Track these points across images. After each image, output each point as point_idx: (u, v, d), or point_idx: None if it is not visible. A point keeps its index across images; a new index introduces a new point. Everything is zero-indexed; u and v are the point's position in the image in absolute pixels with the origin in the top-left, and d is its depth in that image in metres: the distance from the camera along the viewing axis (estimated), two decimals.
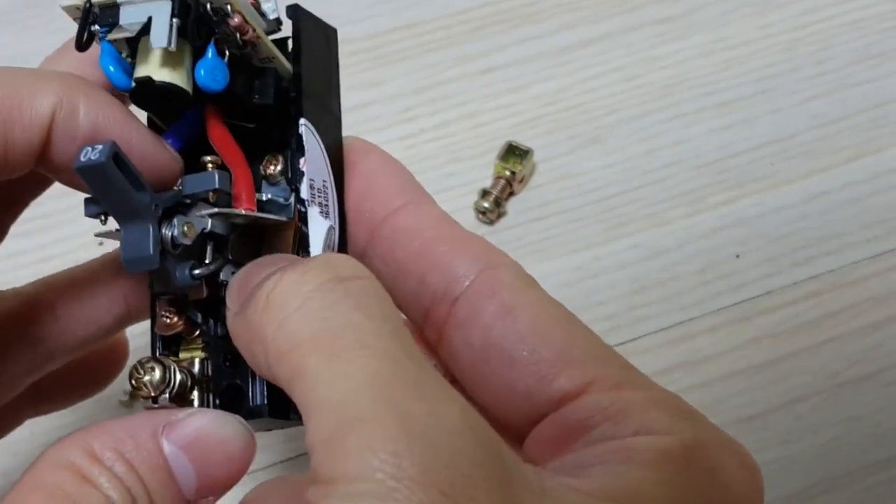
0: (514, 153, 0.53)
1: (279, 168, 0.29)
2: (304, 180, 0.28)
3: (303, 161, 0.28)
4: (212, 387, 0.28)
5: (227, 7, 0.27)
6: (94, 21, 0.27)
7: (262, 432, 0.28)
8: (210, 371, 0.28)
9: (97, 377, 0.36)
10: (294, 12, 0.30)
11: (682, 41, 0.59)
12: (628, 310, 0.50)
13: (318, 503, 0.21)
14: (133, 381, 0.27)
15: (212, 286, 0.28)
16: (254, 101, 0.29)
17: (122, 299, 0.33)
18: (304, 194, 0.28)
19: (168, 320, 0.29)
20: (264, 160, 0.29)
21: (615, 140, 0.56)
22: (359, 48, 0.59)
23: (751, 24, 0.60)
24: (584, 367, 0.26)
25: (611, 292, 0.50)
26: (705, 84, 0.58)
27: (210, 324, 0.29)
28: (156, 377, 0.27)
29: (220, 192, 0.27)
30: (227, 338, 0.26)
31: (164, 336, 0.29)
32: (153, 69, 0.27)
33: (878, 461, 0.46)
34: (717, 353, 0.49)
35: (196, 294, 0.28)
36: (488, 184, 0.53)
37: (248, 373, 0.28)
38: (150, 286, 0.29)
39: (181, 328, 0.29)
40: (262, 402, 0.28)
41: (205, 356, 0.29)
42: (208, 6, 0.27)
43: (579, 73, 0.58)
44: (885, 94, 0.57)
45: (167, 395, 0.27)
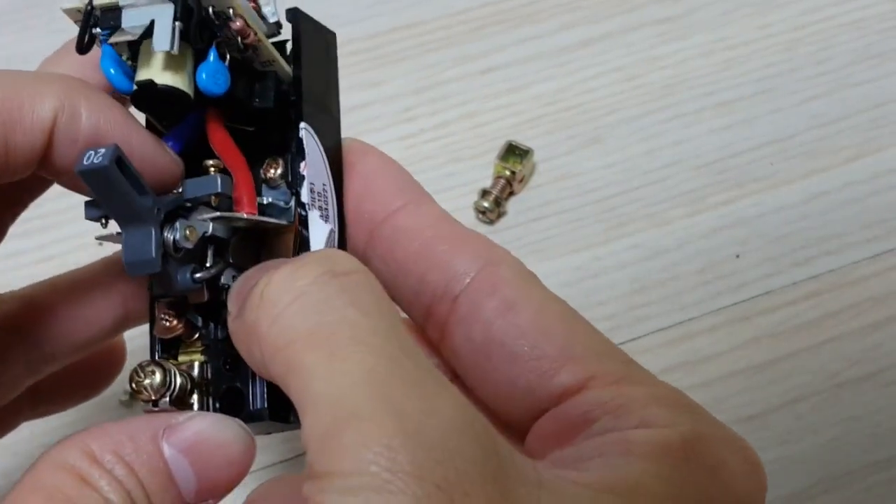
0: (514, 153, 0.53)
1: (279, 172, 0.29)
2: (305, 184, 0.28)
3: (303, 165, 0.28)
4: (211, 390, 0.28)
5: (230, 11, 0.27)
6: (95, 24, 0.27)
7: (261, 435, 0.28)
8: (209, 374, 0.28)
9: (95, 380, 0.36)
10: (294, 16, 0.30)
11: (682, 41, 0.59)
12: (628, 310, 0.50)
13: (314, 498, 0.21)
14: (133, 385, 0.27)
15: (212, 290, 0.28)
16: (254, 105, 0.29)
17: (122, 302, 0.33)
18: (304, 198, 0.28)
19: (168, 323, 0.29)
20: (264, 164, 0.29)
21: (615, 140, 0.56)
22: (359, 48, 0.59)
23: (751, 24, 0.60)
24: (585, 363, 0.26)
25: (611, 292, 0.50)
26: (705, 84, 0.57)
27: (210, 327, 0.29)
28: (156, 381, 0.27)
29: (222, 195, 0.27)
30: (228, 341, 0.26)
31: (163, 339, 0.29)
32: (155, 72, 0.27)
33: (878, 461, 0.46)
34: (716, 353, 0.49)
35: (197, 298, 0.28)
36: (488, 184, 0.53)
37: (248, 376, 0.28)
38: (150, 289, 0.29)
39: (181, 331, 0.29)
40: (262, 405, 0.28)
41: (204, 359, 0.29)
42: (210, 10, 0.26)
43: (579, 73, 0.58)
44: (885, 94, 0.57)
45: (167, 399, 0.27)
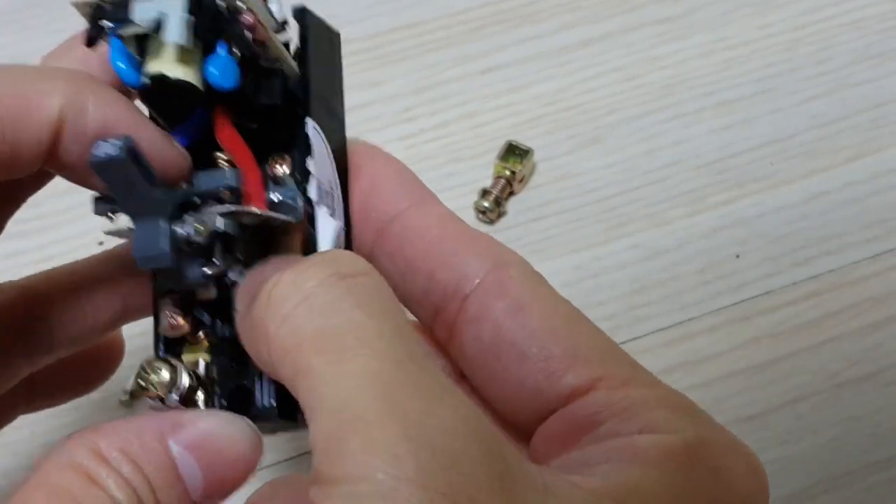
0: (514, 153, 0.53)
1: (286, 169, 0.29)
2: (313, 180, 0.28)
3: (310, 162, 0.28)
4: (217, 389, 0.28)
5: (241, 4, 0.26)
6: (104, 17, 0.27)
7: (266, 435, 0.28)
8: (215, 373, 0.28)
9: (92, 375, 0.36)
10: (301, 14, 0.30)
11: (682, 41, 0.59)
12: (628, 310, 0.50)
13: (321, 503, 0.21)
14: (140, 382, 0.27)
15: (220, 286, 0.28)
16: (260, 102, 0.28)
17: (121, 296, 0.33)
18: (312, 195, 0.28)
19: (174, 322, 0.29)
20: (269, 161, 0.29)
21: (615, 140, 0.56)
22: (359, 48, 0.59)
23: (751, 24, 0.60)
24: (592, 365, 0.26)
25: (611, 292, 0.50)
26: (705, 84, 0.58)
27: (217, 325, 0.29)
28: (164, 377, 0.27)
29: (234, 189, 0.27)
30: (235, 339, 0.26)
31: (167, 338, 0.29)
32: (165, 66, 0.26)
33: (878, 461, 0.46)
34: (716, 353, 0.49)
35: (205, 294, 0.28)
36: (488, 183, 0.53)
37: (256, 375, 0.28)
38: (154, 287, 0.29)
39: (186, 330, 0.29)
40: (270, 403, 0.28)
41: (209, 358, 0.29)
42: (222, 3, 0.26)
43: (579, 73, 0.58)
44: (885, 94, 0.57)
45: (176, 396, 0.27)
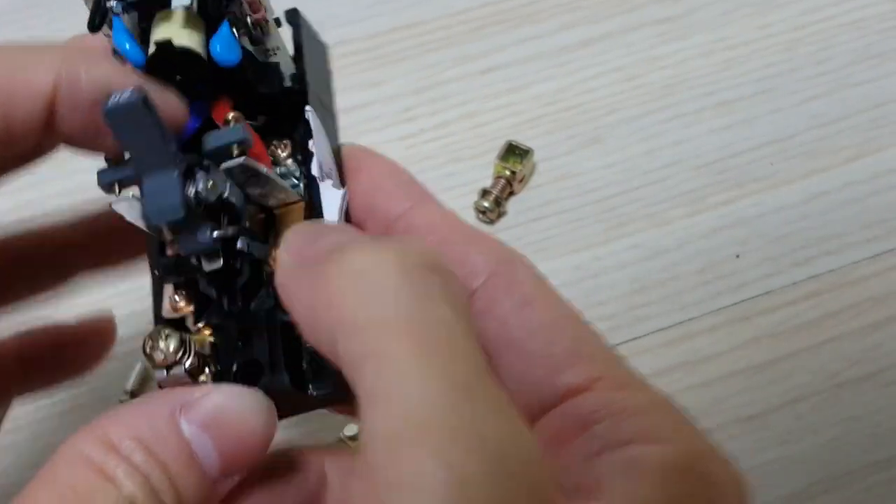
0: (514, 153, 0.53)
1: (287, 152, 0.29)
2: (314, 160, 0.29)
3: (311, 143, 0.29)
4: (221, 369, 0.28)
5: None
6: None
7: None
8: (220, 355, 0.28)
9: (85, 356, 0.36)
10: (293, 16, 0.30)
11: (682, 41, 0.59)
12: (628, 310, 0.50)
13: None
14: (147, 349, 0.27)
15: (226, 257, 0.28)
16: (260, 91, 0.29)
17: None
18: (315, 171, 0.28)
19: (175, 303, 0.28)
20: (271, 146, 0.29)
21: (615, 140, 0.56)
22: (359, 48, 0.59)
23: (751, 24, 0.60)
24: (592, 364, 0.26)
25: (611, 292, 0.50)
26: (705, 84, 0.58)
27: (224, 300, 0.28)
28: (172, 344, 0.27)
29: (244, 142, 0.27)
30: (243, 315, 0.26)
31: (169, 320, 0.29)
32: (173, 31, 0.27)
33: (878, 461, 0.46)
34: (716, 353, 0.49)
35: (213, 261, 0.28)
36: (488, 183, 0.53)
37: (264, 351, 0.27)
38: (155, 271, 0.29)
39: (188, 312, 0.28)
40: (281, 377, 0.27)
41: (213, 339, 0.28)
42: None
43: (579, 73, 0.58)
44: (885, 94, 0.57)
45: (183, 367, 0.27)
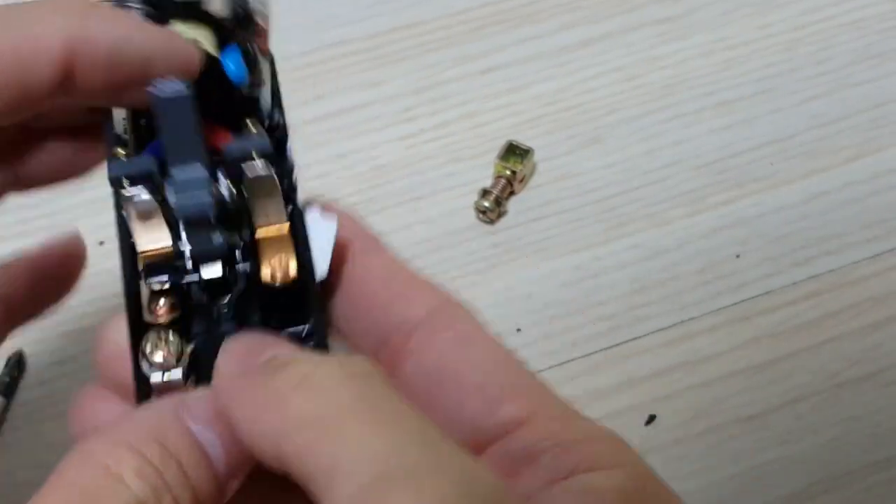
0: (514, 152, 0.53)
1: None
2: (298, 187, 0.29)
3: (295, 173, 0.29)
4: (201, 376, 0.27)
5: (261, 9, 0.29)
6: None
7: None
8: (201, 362, 0.28)
9: (63, 280, 0.34)
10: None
11: (682, 41, 0.59)
12: (628, 310, 0.50)
13: None
14: (148, 347, 0.26)
15: (226, 267, 0.28)
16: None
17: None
18: (299, 201, 0.29)
19: (160, 308, 0.28)
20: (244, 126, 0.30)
21: (615, 140, 0.56)
22: (359, 48, 0.59)
23: (751, 24, 0.60)
24: (529, 398, 0.27)
25: (611, 292, 0.50)
26: (705, 84, 0.58)
27: (216, 307, 0.28)
28: (174, 344, 0.27)
29: (266, 153, 0.27)
30: (231, 324, 0.27)
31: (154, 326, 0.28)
32: (188, 30, 0.28)
33: (878, 461, 0.46)
34: (716, 353, 0.49)
35: (213, 268, 0.28)
36: (489, 183, 0.53)
37: None
38: (140, 278, 0.28)
39: (172, 318, 0.28)
40: None
41: (192, 348, 0.28)
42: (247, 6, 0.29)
43: (579, 73, 0.58)
44: (885, 94, 0.57)
45: (181, 371, 0.26)
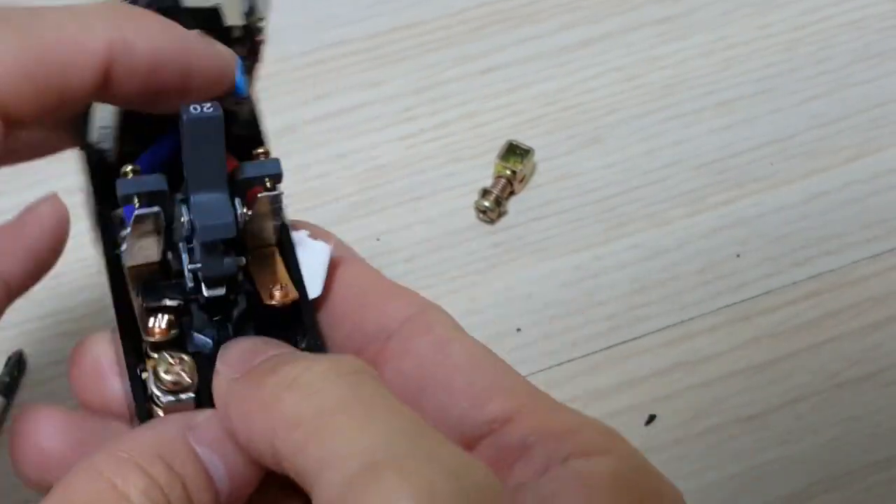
0: (514, 152, 0.53)
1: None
2: (286, 207, 0.29)
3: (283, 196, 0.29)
4: (202, 395, 0.27)
5: (262, 24, 0.29)
6: None
7: None
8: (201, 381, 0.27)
9: (51, 245, 0.33)
10: None
11: (682, 41, 0.59)
12: (628, 310, 0.50)
13: None
14: (163, 371, 0.26)
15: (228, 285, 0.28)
16: (234, 132, 0.29)
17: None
18: (287, 220, 0.29)
19: (159, 327, 0.28)
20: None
21: (615, 140, 0.56)
22: (359, 48, 0.58)
23: (751, 24, 0.60)
24: (515, 394, 0.27)
25: (611, 292, 0.50)
26: (705, 84, 0.57)
27: (218, 327, 0.28)
28: (188, 366, 0.27)
29: (277, 179, 0.28)
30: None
31: (151, 343, 0.28)
32: None
33: (878, 461, 0.46)
34: (716, 353, 0.49)
35: (217, 288, 0.28)
36: (489, 183, 0.53)
37: None
38: (137, 295, 0.28)
39: (170, 337, 0.28)
40: None
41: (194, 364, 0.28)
42: (250, 20, 0.29)
43: (579, 73, 0.58)
44: (885, 94, 0.57)
45: (191, 393, 0.26)
